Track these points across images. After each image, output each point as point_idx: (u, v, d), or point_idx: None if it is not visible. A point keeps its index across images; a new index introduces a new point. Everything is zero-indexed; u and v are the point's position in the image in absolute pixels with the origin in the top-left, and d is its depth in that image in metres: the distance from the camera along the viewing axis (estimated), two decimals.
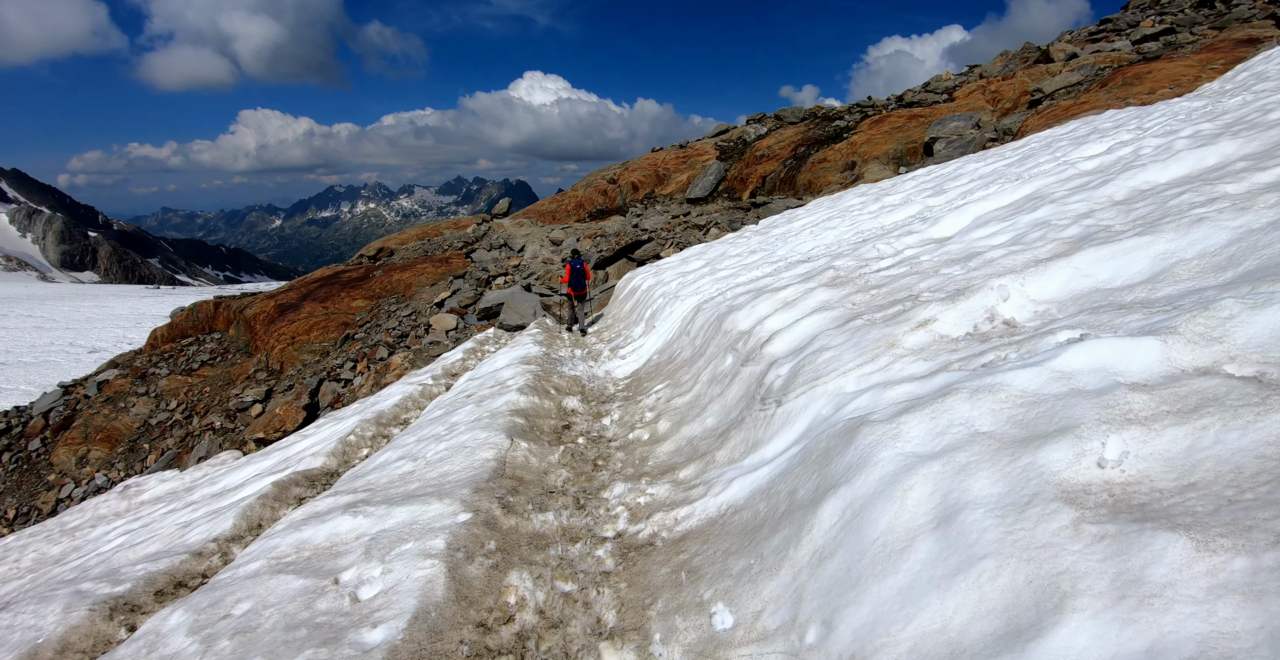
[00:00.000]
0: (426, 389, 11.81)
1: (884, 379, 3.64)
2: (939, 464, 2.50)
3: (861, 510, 2.57)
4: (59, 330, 47.95)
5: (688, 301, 9.03)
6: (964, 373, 3.19)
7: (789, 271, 7.91)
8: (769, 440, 3.97)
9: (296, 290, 20.98)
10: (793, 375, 4.24)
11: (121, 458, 19.91)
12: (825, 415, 3.64)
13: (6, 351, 41.39)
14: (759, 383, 4.66)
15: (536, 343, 10.48)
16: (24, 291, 76.97)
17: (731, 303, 7.27)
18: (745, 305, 6.68)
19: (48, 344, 43.29)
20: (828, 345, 4.32)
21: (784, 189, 19.57)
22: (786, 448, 3.68)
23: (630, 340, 9.93)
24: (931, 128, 17.63)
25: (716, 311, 7.25)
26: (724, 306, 7.26)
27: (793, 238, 10.92)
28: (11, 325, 50.21)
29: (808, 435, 3.60)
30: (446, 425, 6.75)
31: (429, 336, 16.96)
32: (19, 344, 43.43)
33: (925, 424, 2.79)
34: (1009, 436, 2.51)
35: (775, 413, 4.10)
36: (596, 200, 25.32)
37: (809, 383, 4.01)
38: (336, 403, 17.04)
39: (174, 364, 22.13)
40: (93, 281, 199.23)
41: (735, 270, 9.76)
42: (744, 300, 7.02)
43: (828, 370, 4.00)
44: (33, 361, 38.94)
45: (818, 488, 2.93)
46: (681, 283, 10.68)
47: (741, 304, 6.85)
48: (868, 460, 2.75)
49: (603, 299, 15.44)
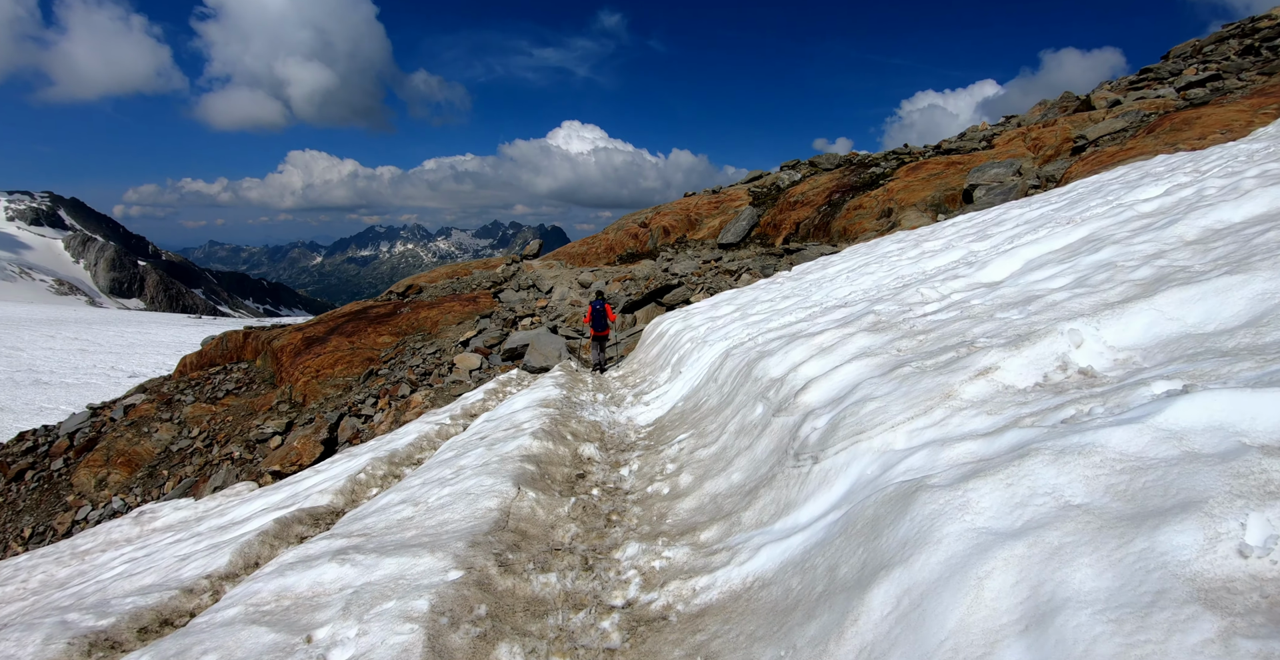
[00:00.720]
0: (443, 428, 11.46)
1: (940, 435, 3.14)
2: (1023, 545, 2.01)
3: (923, 600, 2.06)
4: (102, 354, 49.22)
5: (716, 347, 8.60)
6: (1041, 430, 2.70)
7: (825, 317, 7.46)
8: (803, 502, 3.47)
9: (324, 324, 21.04)
10: (831, 428, 3.76)
11: (140, 482, 19.82)
12: (871, 476, 3.15)
13: (51, 372, 42.44)
14: (792, 436, 4.18)
15: (558, 385, 10.09)
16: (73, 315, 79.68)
17: (762, 348, 6.82)
18: (777, 351, 6.22)
19: (90, 367, 44.35)
20: (871, 395, 3.84)
21: (818, 235, 19.23)
22: (824, 512, 3.18)
23: (655, 386, 9.49)
24: (970, 175, 17.25)
25: (746, 357, 6.80)
26: (754, 352, 6.81)
27: (828, 283, 10.49)
28: (58, 347, 51.68)
29: (850, 499, 3.11)
30: (453, 468, 6.33)
31: (452, 375, 16.70)
32: (64, 365, 44.55)
33: (999, 492, 2.30)
34: (1112, 512, 2.01)
35: (811, 470, 3.61)
36: (627, 243, 25.26)
37: (851, 437, 3.53)
38: (355, 439, 16.76)
39: (200, 391, 22.21)
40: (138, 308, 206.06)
41: (767, 315, 9.33)
42: (776, 346, 6.57)
43: (873, 423, 3.51)
44: (75, 383, 39.77)
45: (864, 566, 2.43)
46: (710, 327, 10.27)
47: (773, 350, 6.39)
48: (929, 535, 2.26)
49: (629, 343, 15.07)
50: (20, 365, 43.66)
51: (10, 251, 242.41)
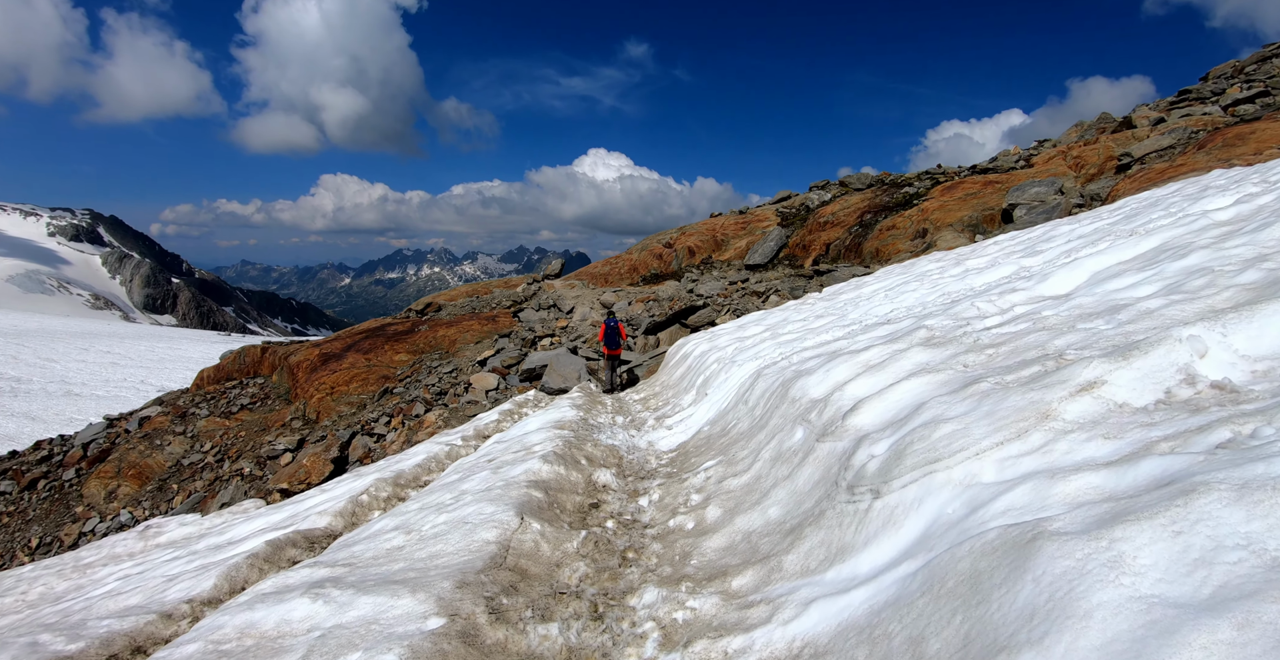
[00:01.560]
0: (454, 449, 10.91)
1: (1045, 464, 2.49)
2: (1228, 626, 1.36)
3: None
4: (133, 367, 49.94)
5: (745, 367, 7.96)
6: (1191, 457, 2.04)
7: (866, 334, 6.80)
8: (863, 546, 2.82)
9: (342, 340, 20.72)
10: (895, 456, 3.11)
11: (149, 496, 19.51)
12: (955, 516, 2.49)
13: (83, 384, 43.06)
14: (843, 464, 3.53)
15: (575, 406, 9.50)
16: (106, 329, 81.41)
17: (799, 367, 6.18)
18: (817, 369, 5.57)
19: (121, 380, 44.94)
20: (943, 416, 3.18)
21: (849, 257, 18.56)
22: (894, 561, 2.52)
23: (679, 409, 8.84)
24: (1010, 194, 16.53)
25: (780, 377, 6.16)
26: (790, 372, 6.17)
27: (864, 302, 9.83)
28: (91, 360, 52.57)
29: (928, 544, 2.45)
30: (454, 493, 5.74)
31: (468, 395, 16.17)
32: (95, 378, 45.23)
33: (1165, 544, 1.65)
34: None
35: (871, 507, 2.95)
36: (651, 264, 24.75)
37: (923, 467, 2.88)
38: (366, 458, 16.26)
39: (214, 405, 21.96)
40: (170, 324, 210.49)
41: (800, 334, 8.69)
42: (814, 364, 5.93)
43: (950, 450, 2.86)
44: (105, 395, 40.19)
45: (969, 642, 1.77)
46: (739, 347, 9.63)
47: (812, 368, 5.75)
48: (1070, 605, 1.61)
49: (652, 366, 14.45)
50: (53, 376, 44.44)
51: (50, 266, 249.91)
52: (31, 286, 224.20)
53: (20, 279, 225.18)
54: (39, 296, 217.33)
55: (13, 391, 39.73)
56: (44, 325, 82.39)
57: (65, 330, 76.47)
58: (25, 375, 43.36)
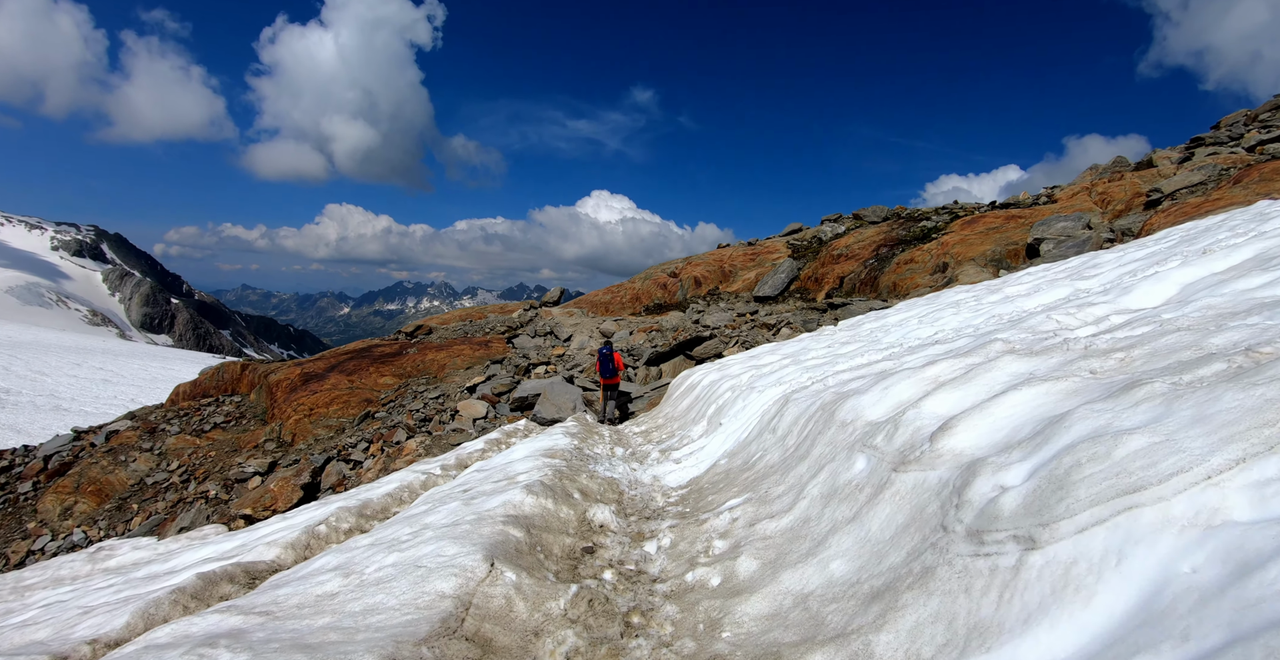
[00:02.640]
0: (430, 479, 9.77)
1: None
2: None
3: None
4: (124, 385, 49.01)
5: (768, 393, 6.93)
6: None
7: (915, 354, 5.80)
8: (1019, 627, 1.77)
9: (325, 360, 19.63)
10: (1051, 486, 2.07)
11: (106, 515, 18.17)
12: (1211, 581, 1.46)
13: (72, 399, 42.14)
14: (949, 501, 2.49)
15: (569, 434, 8.41)
16: (101, 345, 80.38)
17: (840, 389, 5.16)
18: (868, 389, 4.56)
19: (111, 397, 44.02)
20: (1116, 428, 2.16)
21: (864, 290, 17.68)
22: (1094, 657, 1.47)
23: (688, 441, 7.76)
24: (1034, 229, 15.77)
25: (819, 400, 5.13)
26: (830, 394, 5.15)
27: (895, 328, 8.84)
28: (83, 375, 51.65)
29: (1164, 628, 1.41)
30: (415, 527, 4.64)
31: (454, 423, 15.03)
32: (85, 394, 44.29)
33: None
34: None
35: (1024, 563, 1.91)
36: (655, 293, 23.78)
37: (1112, 500, 1.84)
38: (339, 485, 15.04)
39: (186, 423, 20.75)
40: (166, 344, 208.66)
41: (827, 359, 7.68)
42: (862, 384, 4.91)
43: (1157, 474, 1.83)
44: (93, 412, 39.12)
45: None
46: (756, 374, 8.61)
47: (860, 388, 4.73)
48: None
49: (654, 398, 13.37)
50: (43, 390, 43.53)
51: (51, 280, 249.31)
52: (30, 299, 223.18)
53: (19, 291, 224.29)
54: (37, 309, 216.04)
55: (0, 403, 38.81)
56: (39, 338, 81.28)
57: (60, 344, 75.39)
58: (15, 387, 42.46)
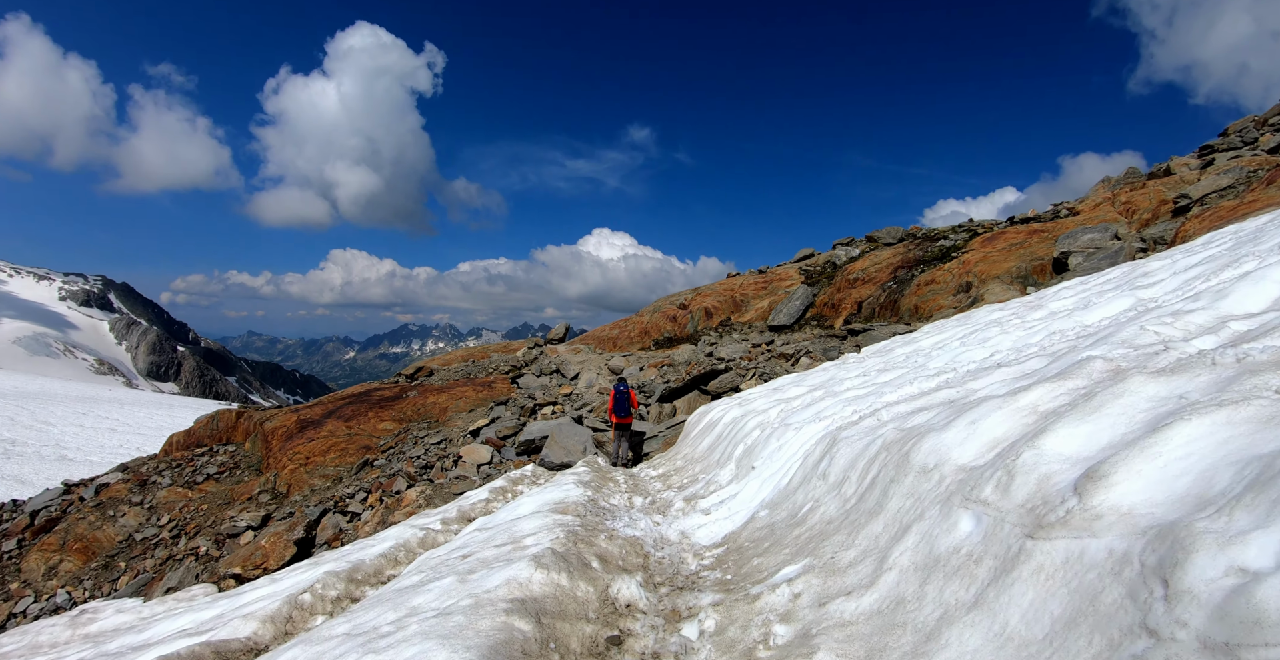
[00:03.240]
0: (428, 535, 8.91)
1: None
2: None
3: None
4: (130, 434, 48.69)
5: (807, 430, 6.09)
6: None
7: (981, 380, 4.98)
8: None
9: (323, 406, 18.80)
10: None
11: (93, 574, 17.17)
12: None
13: (78, 449, 41.84)
14: (1150, 589, 1.65)
15: (580, 484, 7.54)
16: (108, 394, 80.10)
17: (905, 424, 4.34)
18: (947, 424, 3.74)
19: (116, 446, 43.65)
20: None
21: (884, 315, 16.87)
22: None
23: (715, 487, 6.88)
24: (1060, 242, 15.04)
25: (878, 438, 4.31)
26: (891, 430, 4.32)
27: (937, 352, 8.02)
28: (89, 425, 51.32)
29: None
30: (400, 612, 3.78)
31: (456, 470, 14.12)
32: (90, 443, 44.01)
33: None
34: None
35: None
36: (664, 327, 22.94)
37: None
38: (335, 540, 14.08)
39: (179, 474, 19.84)
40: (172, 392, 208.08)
41: (869, 389, 6.84)
42: (935, 418, 4.09)
43: None
44: (98, 461, 38.57)
45: None
46: (785, 409, 7.77)
47: (935, 423, 3.91)
48: None
49: (669, 437, 12.48)
50: (49, 440, 43.24)
51: (58, 330, 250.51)
52: (38, 349, 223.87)
53: (27, 341, 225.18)
54: (44, 359, 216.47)
55: (5, 454, 38.50)
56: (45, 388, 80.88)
57: (66, 394, 74.96)
58: (21, 437, 42.13)
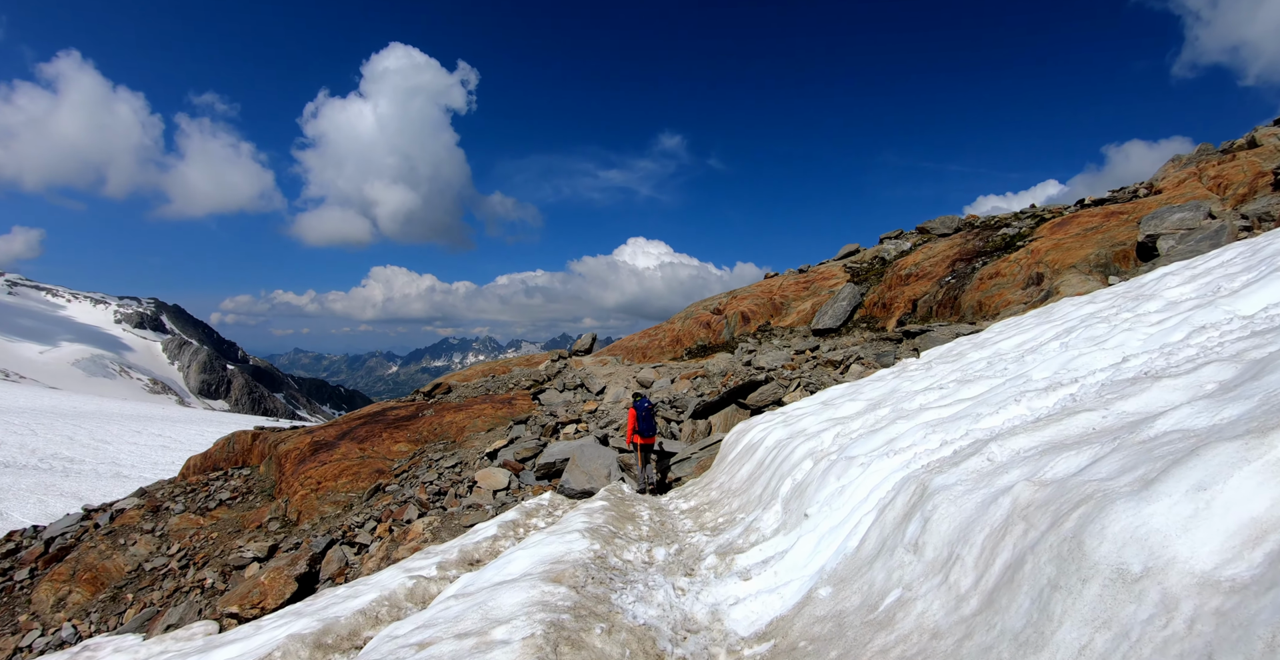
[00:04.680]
0: (419, 586, 7.63)
1: None
2: None
3: None
4: (182, 451, 49.85)
5: (877, 468, 4.56)
6: None
7: (1135, 398, 3.42)
8: None
9: (337, 427, 17.77)
10: None
11: (100, 607, 16.35)
12: None
13: (132, 466, 42.66)
14: None
15: (589, 531, 6.10)
16: (161, 413, 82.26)
17: (1047, 474, 2.82)
18: (1142, 488, 2.22)
19: (169, 462, 44.74)
20: None
21: (943, 313, 15.08)
22: None
23: (757, 538, 5.38)
24: (1144, 224, 13.11)
25: (1008, 497, 2.80)
26: (1026, 485, 2.81)
27: (1031, 357, 6.39)
28: (143, 442, 52.35)
29: None
30: None
31: (470, 497, 12.84)
32: (144, 460, 44.87)
33: None
34: None
35: None
36: (697, 334, 21.30)
37: None
38: (340, 575, 12.92)
39: (192, 499, 19.05)
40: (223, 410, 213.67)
41: (957, 409, 5.27)
42: (1105, 468, 2.56)
43: None
44: (151, 478, 39.41)
45: None
46: (842, 433, 6.24)
47: (1117, 483, 2.39)
48: None
49: (704, 459, 10.99)
50: (105, 458, 44.23)
51: (114, 352, 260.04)
52: (95, 370, 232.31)
53: (85, 363, 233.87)
54: (101, 380, 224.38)
55: (65, 471, 39.32)
56: (102, 408, 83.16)
57: (121, 413, 76.89)
58: (79, 456, 43.09)
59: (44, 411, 64.98)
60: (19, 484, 35.20)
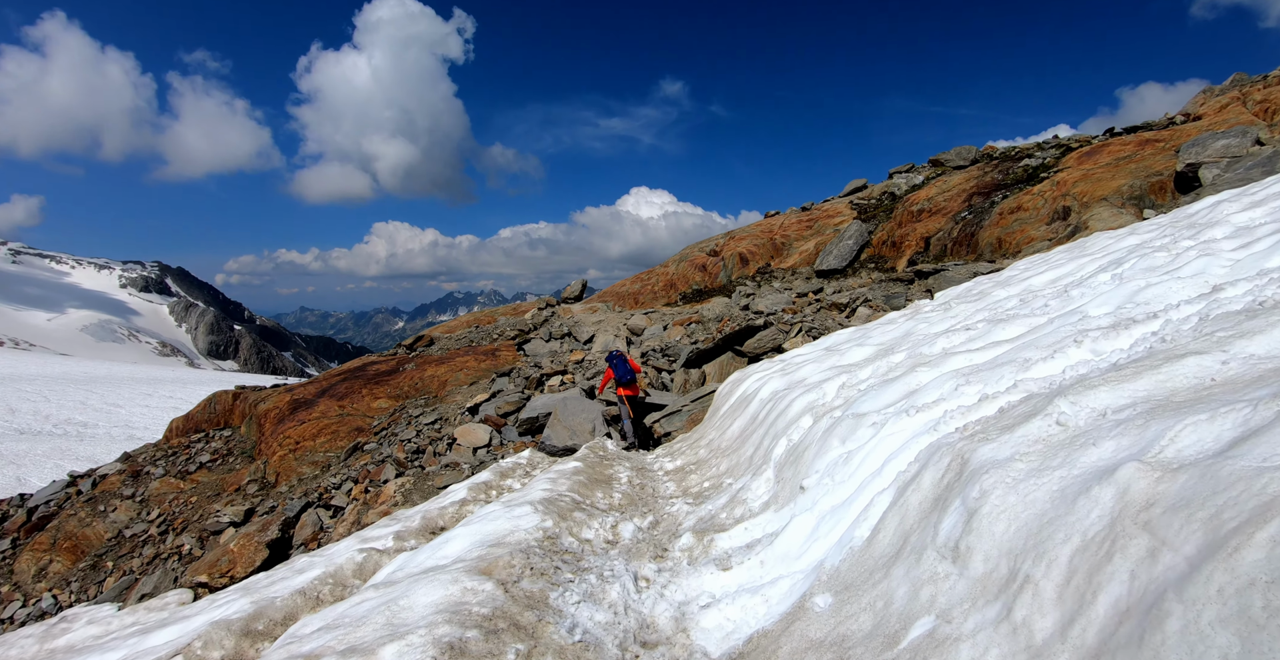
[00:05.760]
0: (369, 558, 6.78)
1: None
2: None
3: None
4: None
5: (893, 430, 3.55)
6: None
7: (1262, 338, 2.36)
8: None
9: (317, 384, 16.93)
10: None
11: (80, 576, 15.88)
12: None
13: (145, 428, 42.96)
14: None
15: (546, 500, 5.16)
16: (171, 375, 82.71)
17: (1168, 454, 1.80)
18: None
19: None
20: None
21: (958, 252, 13.88)
22: None
23: (744, 512, 4.42)
24: (1183, 152, 11.80)
25: (1107, 493, 1.78)
26: (1141, 476, 1.78)
27: (1080, 289, 5.29)
28: (154, 404, 52.56)
29: None
30: None
31: (449, 455, 12.03)
32: (157, 421, 45.33)
33: None
34: None
35: None
36: (692, 277, 20.09)
37: None
38: (313, 540, 12.25)
39: (173, 463, 18.43)
40: (232, 370, 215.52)
41: (994, 354, 4.23)
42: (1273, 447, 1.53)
43: None
44: None
45: None
46: (848, 384, 5.22)
47: None
48: None
49: (696, 413, 10.06)
50: (118, 421, 44.29)
51: (121, 316, 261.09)
52: (104, 335, 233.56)
53: (93, 329, 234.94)
54: (110, 345, 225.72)
55: (79, 435, 39.42)
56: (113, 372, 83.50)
57: (132, 377, 77.12)
58: (92, 420, 43.12)
59: (55, 378, 65.07)
60: (35, 450, 35.18)
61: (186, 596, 11.94)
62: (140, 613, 11.91)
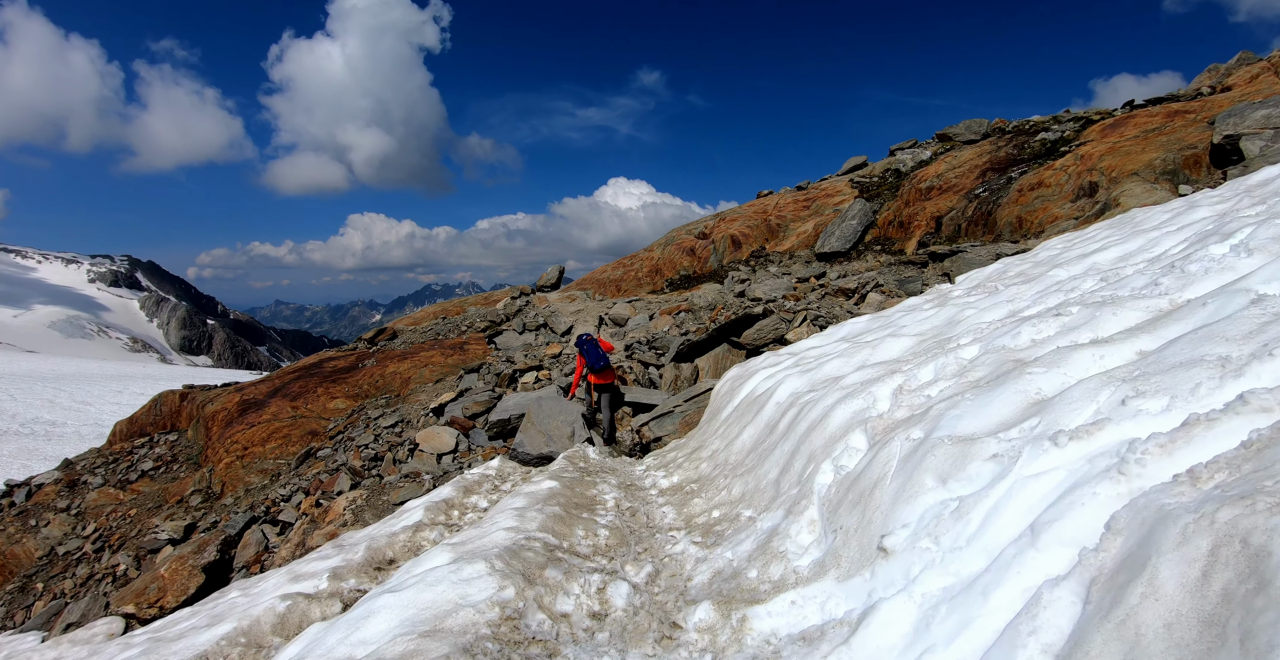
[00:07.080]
0: (295, 609, 5.50)
1: None
2: None
3: None
4: None
5: (1043, 469, 2.29)
6: None
7: None
8: None
9: (269, 383, 15.44)
10: None
11: (6, 599, 14.30)
12: None
13: None
14: None
15: (507, 555, 3.86)
16: (142, 371, 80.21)
17: None
18: None
19: None
20: None
21: (974, 232, 12.72)
22: None
23: (783, 572, 3.16)
24: (1219, 123, 10.76)
25: None
26: None
27: (1194, 265, 4.13)
28: (124, 402, 50.55)
29: None
30: None
31: (411, 462, 10.67)
32: None
33: None
34: None
35: None
36: (680, 262, 18.70)
37: None
38: (256, 562, 10.84)
39: (112, 471, 16.85)
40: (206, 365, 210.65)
41: (1127, 351, 3.01)
42: None
43: None
44: None
45: None
46: (906, 386, 3.98)
47: None
48: None
49: (690, 415, 8.80)
50: (88, 420, 42.46)
51: (90, 312, 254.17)
52: (72, 331, 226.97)
53: (61, 325, 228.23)
54: (79, 341, 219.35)
55: (47, 435, 37.60)
56: (82, 369, 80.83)
57: (101, 373, 74.64)
58: (60, 419, 41.31)
59: (22, 376, 62.47)
60: (2, 450, 33.51)
61: (117, 627, 10.47)
62: (64, 646, 10.44)
